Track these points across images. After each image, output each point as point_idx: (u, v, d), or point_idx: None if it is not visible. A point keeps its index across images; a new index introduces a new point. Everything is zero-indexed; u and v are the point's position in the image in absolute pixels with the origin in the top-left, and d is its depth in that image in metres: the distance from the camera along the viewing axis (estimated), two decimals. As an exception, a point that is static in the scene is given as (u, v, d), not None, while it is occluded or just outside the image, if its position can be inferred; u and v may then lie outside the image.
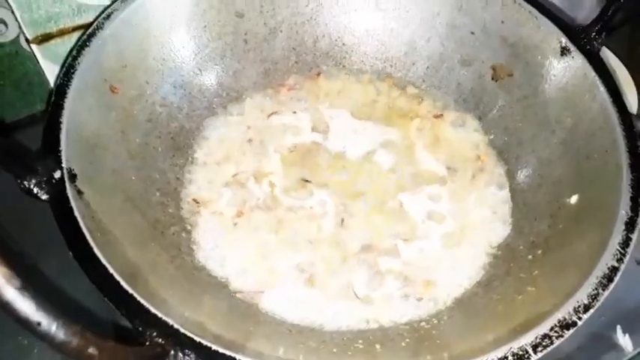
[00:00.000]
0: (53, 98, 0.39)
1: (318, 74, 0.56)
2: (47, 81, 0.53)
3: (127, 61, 0.46)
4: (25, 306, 0.22)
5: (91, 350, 0.24)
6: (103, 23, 0.44)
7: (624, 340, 0.44)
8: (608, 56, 0.58)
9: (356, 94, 0.56)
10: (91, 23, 0.44)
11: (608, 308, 0.43)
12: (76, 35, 0.51)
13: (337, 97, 0.55)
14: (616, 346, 0.44)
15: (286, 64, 0.56)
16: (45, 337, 0.22)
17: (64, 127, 0.38)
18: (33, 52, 0.51)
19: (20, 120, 0.56)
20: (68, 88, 0.40)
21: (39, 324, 0.22)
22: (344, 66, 0.57)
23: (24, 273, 0.22)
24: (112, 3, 0.46)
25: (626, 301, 0.46)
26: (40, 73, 0.52)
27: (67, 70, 0.41)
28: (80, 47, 0.42)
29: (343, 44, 0.57)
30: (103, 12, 0.45)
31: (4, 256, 0.22)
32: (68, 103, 0.39)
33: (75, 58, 0.42)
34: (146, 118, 0.47)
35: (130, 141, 0.45)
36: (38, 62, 0.52)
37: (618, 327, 0.45)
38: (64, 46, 0.51)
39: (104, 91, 0.43)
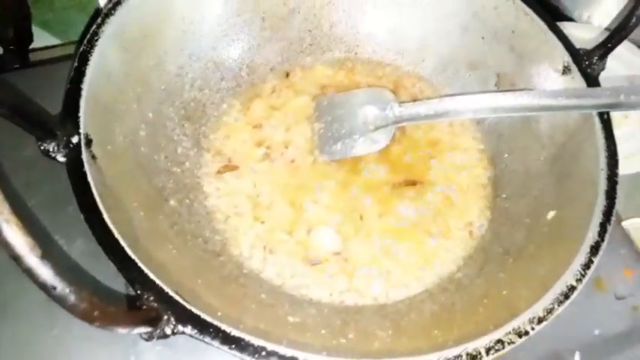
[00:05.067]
0: (75, 64, 0.42)
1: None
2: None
3: (148, 31, 0.48)
4: (44, 272, 0.25)
5: (96, 313, 0.27)
6: (129, -8, 0.46)
7: None
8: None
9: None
10: (118, -8, 0.46)
11: (574, 334, 0.49)
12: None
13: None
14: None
15: (300, 46, 0.58)
16: (59, 300, 0.26)
17: (84, 93, 0.41)
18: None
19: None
20: (91, 55, 0.42)
21: (54, 288, 0.26)
22: (356, 53, 0.59)
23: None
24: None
25: (592, 332, 0.49)
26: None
27: (91, 37, 0.43)
28: (105, 15, 0.44)
29: (358, 32, 0.59)
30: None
31: (27, 227, 0.25)
32: (89, 70, 0.42)
33: (99, 26, 0.44)
34: (161, 87, 0.50)
35: (144, 108, 0.47)
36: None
37: (577, 353, 0.48)
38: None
39: (124, 59, 0.46)
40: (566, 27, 0.63)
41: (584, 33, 0.68)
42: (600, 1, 0.74)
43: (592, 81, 0.47)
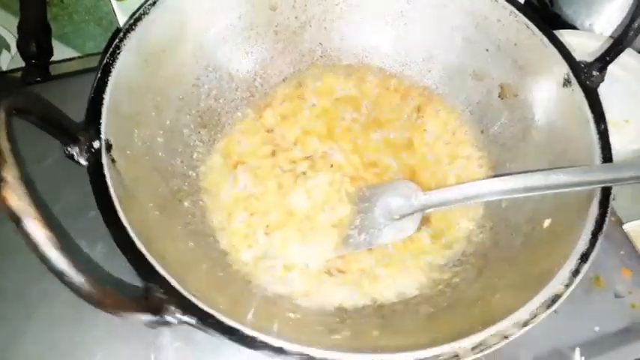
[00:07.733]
0: (99, 75, 0.45)
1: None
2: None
3: (167, 44, 0.51)
4: (61, 262, 0.28)
5: (107, 300, 0.31)
6: (149, 9, 0.49)
7: None
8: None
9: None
10: (139, 8, 0.50)
11: (574, 331, 0.50)
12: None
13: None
14: (570, 365, 0.49)
15: (311, 57, 0.61)
16: (70, 286, 0.29)
17: (105, 102, 0.44)
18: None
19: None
20: (113, 67, 0.46)
21: (69, 277, 0.29)
22: (365, 65, 0.62)
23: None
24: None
25: (592, 329, 0.51)
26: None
27: (113, 50, 0.47)
28: (127, 31, 0.48)
29: (366, 45, 0.61)
30: (151, -2, 0.50)
31: (47, 220, 0.28)
32: (111, 81, 0.45)
33: (121, 40, 0.47)
34: (179, 97, 0.53)
35: (162, 116, 0.51)
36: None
37: (577, 349, 0.49)
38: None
39: (144, 71, 0.49)
40: (566, 35, 0.64)
41: (585, 41, 0.68)
42: (602, 10, 0.74)
43: (591, 92, 0.49)
